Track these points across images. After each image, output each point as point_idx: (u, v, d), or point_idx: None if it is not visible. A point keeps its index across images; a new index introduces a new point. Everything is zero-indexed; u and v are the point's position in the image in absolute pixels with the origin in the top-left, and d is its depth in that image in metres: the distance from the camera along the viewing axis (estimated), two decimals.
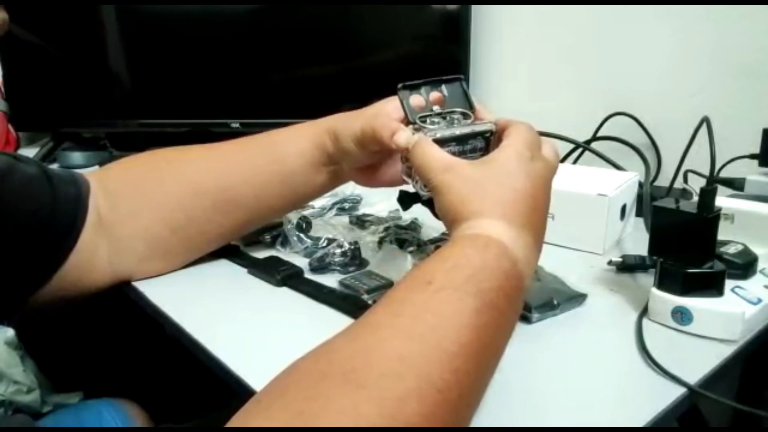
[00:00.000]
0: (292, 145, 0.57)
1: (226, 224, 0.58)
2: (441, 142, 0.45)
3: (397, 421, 0.27)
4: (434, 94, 0.49)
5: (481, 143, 0.47)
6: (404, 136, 0.46)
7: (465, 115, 0.48)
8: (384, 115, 0.50)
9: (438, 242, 0.63)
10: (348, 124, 0.53)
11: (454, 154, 0.45)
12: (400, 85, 0.48)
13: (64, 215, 0.52)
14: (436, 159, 0.43)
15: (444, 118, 0.48)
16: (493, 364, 0.35)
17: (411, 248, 0.63)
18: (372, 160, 0.55)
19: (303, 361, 0.31)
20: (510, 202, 0.40)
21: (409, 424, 0.28)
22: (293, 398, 0.28)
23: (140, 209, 0.56)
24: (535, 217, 0.41)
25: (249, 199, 0.57)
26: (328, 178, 0.58)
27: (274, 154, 0.57)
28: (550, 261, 0.58)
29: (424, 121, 0.47)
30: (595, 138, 0.91)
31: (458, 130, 0.46)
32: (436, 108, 0.49)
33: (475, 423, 0.38)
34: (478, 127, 0.47)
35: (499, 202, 0.39)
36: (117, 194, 0.56)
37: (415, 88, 0.49)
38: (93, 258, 0.54)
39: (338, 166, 0.57)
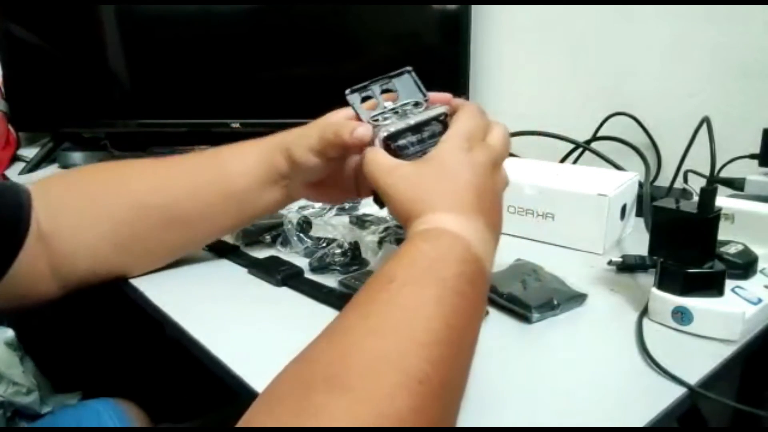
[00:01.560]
0: (239, 164, 0.55)
1: (172, 241, 0.57)
2: (396, 136, 0.46)
3: (389, 418, 0.28)
4: (386, 93, 0.50)
5: (438, 127, 0.47)
6: (362, 130, 0.46)
7: (417, 105, 0.49)
8: (337, 120, 0.50)
9: None
10: (302, 136, 0.52)
11: (413, 144, 0.46)
12: (347, 90, 0.49)
13: (2, 226, 0.51)
14: (380, 164, 0.44)
15: (396, 112, 0.48)
16: (468, 348, 0.35)
17: None
18: (325, 173, 0.53)
19: (284, 375, 0.31)
20: (453, 194, 0.41)
21: (400, 418, 0.28)
22: (282, 415, 0.28)
23: (82, 225, 0.54)
24: (484, 203, 0.42)
25: (194, 217, 0.56)
26: (278, 197, 0.56)
27: (219, 172, 0.56)
28: (550, 261, 0.58)
29: (377, 120, 0.48)
30: (595, 138, 0.91)
31: (411, 120, 0.46)
32: (389, 104, 0.49)
33: (475, 423, 0.38)
34: (431, 112, 0.47)
35: (442, 196, 0.41)
36: (58, 208, 0.54)
37: (363, 89, 0.49)
38: (36, 271, 0.53)
39: (289, 182, 0.55)
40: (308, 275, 0.59)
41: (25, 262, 0.52)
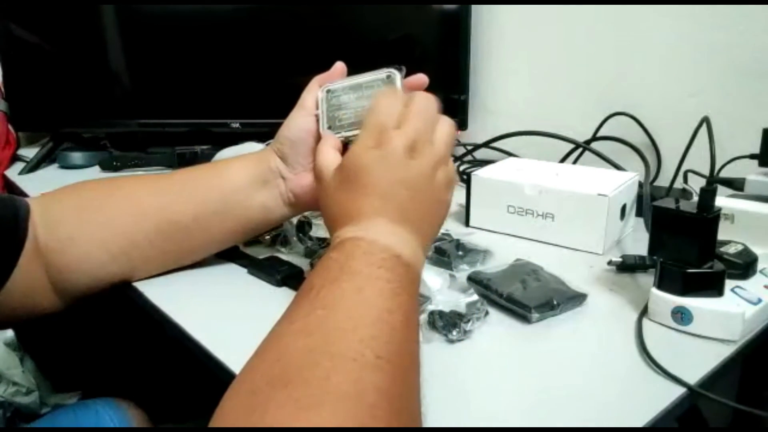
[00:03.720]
0: (233, 167, 0.57)
1: (171, 250, 0.57)
2: (336, 93, 0.50)
3: (331, 394, 0.30)
4: None
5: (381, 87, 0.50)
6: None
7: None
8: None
9: (437, 241, 0.63)
10: (285, 124, 0.56)
11: (350, 102, 0.50)
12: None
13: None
14: (316, 167, 0.49)
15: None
16: (403, 323, 0.36)
17: None
18: (311, 156, 0.53)
19: (229, 393, 0.32)
20: (355, 203, 0.44)
21: (342, 391, 0.30)
22: (233, 421, 0.30)
23: (80, 236, 0.53)
24: (390, 199, 0.43)
25: (192, 225, 0.56)
26: (270, 198, 0.56)
27: (214, 178, 0.57)
28: (550, 261, 0.58)
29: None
30: (595, 138, 0.91)
31: (352, 80, 0.50)
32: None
33: (474, 423, 0.38)
34: (375, 74, 0.50)
35: (346, 209, 0.44)
36: (56, 222, 0.54)
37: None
38: (36, 285, 0.53)
39: (280, 180, 0.55)
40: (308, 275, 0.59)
41: (23, 276, 0.52)
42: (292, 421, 0.28)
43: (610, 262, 0.60)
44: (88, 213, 0.55)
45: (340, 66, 0.55)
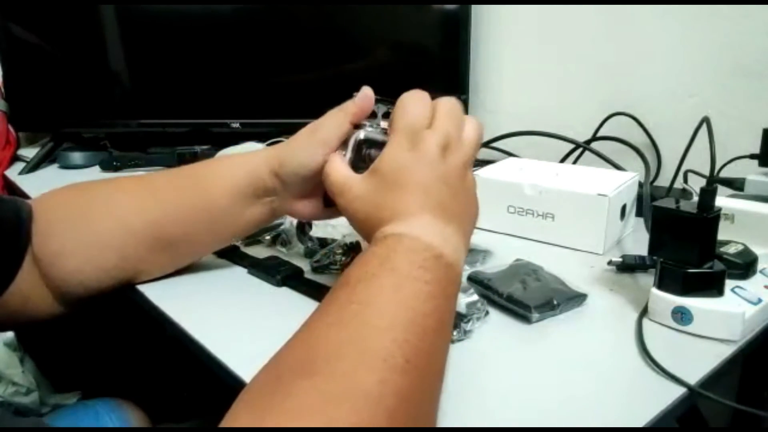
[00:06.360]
0: (222, 180, 0.54)
1: (160, 262, 0.56)
2: (371, 143, 0.49)
3: (355, 392, 0.30)
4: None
5: None
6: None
7: None
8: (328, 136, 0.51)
9: None
10: (295, 150, 0.52)
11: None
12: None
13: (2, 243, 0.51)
14: (334, 183, 0.47)
15: (385, 131, 0.50)
16: (435, 328, 0.36)
17: None
18: (314, 188, 0.53)
19: (257, 376, 0.33)
20: (396, 202, 0.43)
21: (366, 391, 0.30)
22: (255, 403, 0.31)
23: (69, 251, 0.53)
24: (429, 197, 0.43)
25: (179, 239, 0.55)
26: (261, 213, 0.55)
27: (201, 191, 0.55)
28: (550, 261, 0.58)
29: (364, 125, 0.50)
30: (595, 138, 0.91)
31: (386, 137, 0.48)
32: (384, 124, 0.50)
33: (475, 423, 0.38)
34: None
35: (387, 208, 0.43)
36: (46, 233, 0.53)
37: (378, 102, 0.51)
38: (36, 290, 0.53)
39: (275, 198, 0.54)
40: (308, 275, 0.59)
41: (25, 280, 0.52)
42: (313, 411, 0.28)
43: (610, 262, 0.60)
44: (73, 228, 0.53)
45: (369, 94, 0.50)
